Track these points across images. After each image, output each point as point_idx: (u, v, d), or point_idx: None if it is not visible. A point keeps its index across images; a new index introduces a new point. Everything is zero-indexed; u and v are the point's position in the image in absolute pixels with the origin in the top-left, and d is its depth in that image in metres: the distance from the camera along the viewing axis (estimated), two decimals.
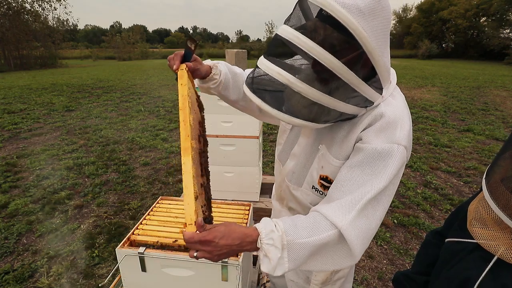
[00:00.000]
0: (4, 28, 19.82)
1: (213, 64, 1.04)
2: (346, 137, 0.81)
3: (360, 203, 0.71)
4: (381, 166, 0.72)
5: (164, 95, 9.48)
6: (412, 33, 42.00)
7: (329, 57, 0.64)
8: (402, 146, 0.73)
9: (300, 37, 0.65)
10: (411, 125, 0.80)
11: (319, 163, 0.89)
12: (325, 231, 0.71)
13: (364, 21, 0.62)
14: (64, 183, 3.61)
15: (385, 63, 0.70)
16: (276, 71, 0.69)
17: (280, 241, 0.70)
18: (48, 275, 2.20)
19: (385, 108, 0.77)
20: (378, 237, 2.64)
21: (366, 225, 0.72)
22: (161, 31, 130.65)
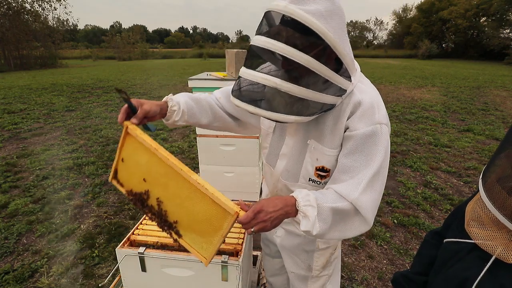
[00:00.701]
0: (4, 28, 19.83)
1: (167, 98, 1.06)
2: (335, 127, 0.91)
3: (364, 181, 0.84)
4: (373, 146, 0.85)
5: (164, 95, 9.38)
6: (412, 33, 42.02)
7: (306, 57, 0.73)
8: (383, 125, 0.86)
9: (279, 44, 0.74)
10: (383, 104, 0.92)
11: (312, 157, 0.97)
12: (342, 201, 0.85)
13: (326, 23, 0.73)
14: (64, 183, 3.61)
15: (348, 54, 0.81)
16: (261, 77, 0.77)
17: (315, 201, 0.83)
18: (48, 275, 2.20)
19: (361, 96, 0.88)
20: (378, 237, 2.64)
21: (372, 197, 0.86)
22: (161, 31, 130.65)
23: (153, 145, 0.88)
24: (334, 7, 0.75)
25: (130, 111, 0.95)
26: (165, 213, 0.91)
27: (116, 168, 1.01)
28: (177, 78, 14.04)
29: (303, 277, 1.22)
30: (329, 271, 1.24)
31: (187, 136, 5.50)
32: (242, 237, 1.21)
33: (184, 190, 0.86)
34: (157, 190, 0.92)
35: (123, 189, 1.00)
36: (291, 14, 0.73)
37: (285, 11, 0.73)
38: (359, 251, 2.49)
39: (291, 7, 0.73)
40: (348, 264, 2.34)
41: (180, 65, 22.50)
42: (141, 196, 0.95)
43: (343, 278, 2.21)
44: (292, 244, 1.19)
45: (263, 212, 0.80)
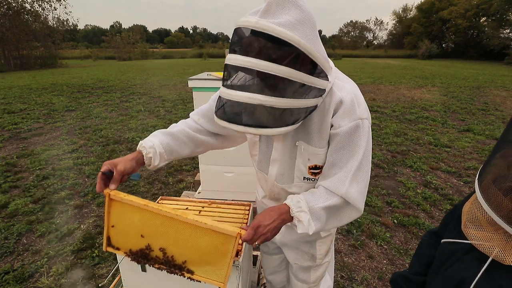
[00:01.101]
0: (4, 28, 19.83)
1: (140, 147, 1.04)
2: (321, 127, 0.95)
3: (350, 174, 0.92)
4: (355, 140, 0.91)
5: (164, 95, 9.49)
6: (412, 33, 42.02)
7: (287, 70, 0.75)
8: (364, 119, 0.92)
9: (260, 62, 0.74)
10: (362, 96, 0.97)
11: (303, 158, 1.01)
12: (333, 197, 0.94)
13: (298, 32, 0.74)
14: (64, 183, 3.61)
15: (322, 55, 0.82)
16: (246, 96, 0.77)
17: (306, 207, 0.91)
18: (48, 275, 2.20)
19: (341, 94, 0.91)
20: (378, 237, 2.64)
21: (359, 187, 0.94)
22: (161, 31, 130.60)
23: (142, 202, 0.90)
24: (303, 15, 0.76)
25: (105, 176, 0.94)
26: (172, 258, 0.95)
27: (108, 236, 1.01)
28: (177, 78, 14.04)
29: (307, 267, 1.26)
30: (329, 258, 1.30)
31: None
32: None
33: (184, 232, 0.91)
34: (158, 241, 0.95)
35: (121, 252, 1.02)
36: (263, 29, 0.73)
37: (257, 27, 0.74)
38: (359, 251, 2.49)
39: (263, 22, 0.73)
40: (348, 264, 2.34)
41: (180, 65, 22.51)
42: (143, 251, 0.98)
43: (343, 278, 2.21)
44: (293, 238, 1.23)
45: (262, 227, 0.88)
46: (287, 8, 0.75)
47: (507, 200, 0.58)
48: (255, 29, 0.74)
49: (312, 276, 1.29)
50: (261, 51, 0.75)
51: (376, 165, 4.22)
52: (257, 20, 0.74)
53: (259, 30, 0.74)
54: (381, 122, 6.43)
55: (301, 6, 0.76)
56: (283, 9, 0.74)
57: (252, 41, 0.77)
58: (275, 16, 0.74)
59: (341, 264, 2.33)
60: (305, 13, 0.76)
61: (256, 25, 0.74)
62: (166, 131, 1.11)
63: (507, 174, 0.61)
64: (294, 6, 0.75)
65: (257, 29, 0.74)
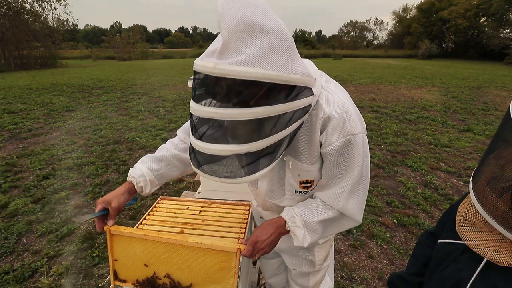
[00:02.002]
0: (4, 28, 19.84)
1: (129, 177, 1.05)
2: (310, 143, 0.89)
3: (347, 189, 0.90)
4: (348, 156, 0.86)
5: (164, 95, 9.49)
6: (412, 33, 42.01)
7: (257, 110, 0.65)
8: (356, 135, 0.85)
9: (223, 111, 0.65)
10: (353, 106, 0.89)
11: (293, 173, 0.97)
12: (328, 211, 0.94)
13: (267, 62, 0.63)
14: (64, 183, 3.60)
15: (301, 72, 0.72)
16: (217, 149, 0.69)
17: (301, 222, 0.92)
18: (48, 275, 2.20)
19: (328, 109, 0.83)
20: (378, 237, 2.64)
21: (356, 201, 0.92)
22: (161, 31, 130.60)
23: (141, 233, 0.95)
24: (271, 39, 0.65)
25: (101, 216, 0.97)
26: (179, 283, 0.98)
27: (114, 270, 1.05)
28: (177, 78, 14.04)
29: (306, 272, 1.25)
30: (328, 262, 1.29)
31: None
32: (242, 237, 1.21)
33: (186, 255, 0.95)
34: (163, 267, 0.98)
35: (128, 284, 1.05)
36: (224, 75, 0.62)
37: (215, 73, 0.63)
38: (359, 251, 2.49)
39: (221, 66, 0.62)
40: (348, 264, 2.34)
41: (180, 65, 22.51)
42: (150, 280, 1.01)
43: (343, 278, 2.21)
44: (291, 245, 1.20)
45: (259, 242, 0.91)
46: (250, 38, 0.63)
47: (500, 201, 0.58)
48: (213, 75, 0.63)
49: (311, 281, 1.27)
50: (226, 97, 0.65)
51: (376, 165, 4.22)
52: (214, 65, 0.63)
53: (218, 76, 0.63)
54: (381, 122, 6.43)
55: (267, 30, 0.64)
56: (244, 42, 0.63)
57: (215, 87, 0.66)
58: (237, 51, 0.63)
59: (341, 264, 2.33)
60: (273, 36, 0.65)
61: (214, 71, 0.63)
62: (154, 156, 1.10)
63: (501, 175, 0.60)
64: (258, 32, 0.63)
65: (216, 75, 0.63)
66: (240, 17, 0.62)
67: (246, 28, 0.62)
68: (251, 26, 0.63)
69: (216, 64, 0.63)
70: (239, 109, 0.65)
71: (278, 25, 0.67)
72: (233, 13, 0.62)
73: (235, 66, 0.62)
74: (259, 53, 0.63)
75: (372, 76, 14.79)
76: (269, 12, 0.67)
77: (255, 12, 0.64)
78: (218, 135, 0.71)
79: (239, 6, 0.63)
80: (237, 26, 0.62)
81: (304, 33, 63.55)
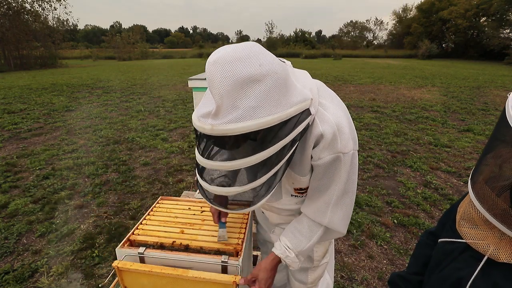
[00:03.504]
0: (4, 28, 19.82)
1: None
2: (302, 157, 0.92)
3: (331, 203, 0.95)
4: (335, 171, 0.90)
5: (164, 95, 9.49)
6: (412, 33, 41.98)
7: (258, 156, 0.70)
8: (345, 153, 0.88)
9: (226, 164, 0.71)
10: (348, 122, 0.91)
11: (288, 181, 1.01)
12: (317, 231, 1.01)
13: (263, 110, 0.66)
14: (64, 183, 3.60)
15: (296, 102, 0.74)
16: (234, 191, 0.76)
17: (295, 257, 1.03)
18: (48, 275, 2.20)
19: (322, 128, 0.85)
20: (378, 237, 2.64)
21: (341, 214, 0.98)
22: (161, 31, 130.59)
23: (146, 269, 1.03)
24: (264, 86, 0.66)
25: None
26: None
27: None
28: (177, 78, 14.04)
29: (304, 268, 1.27)
30: (327, 259, 1.31)
31: (187, 136, 5.50)
32: (242, 237, 1.21)
33: (188, 287, 1.04)
34: None
35: None
36: (222, 134, 0.66)
37: (214, 134, 0.66)
38: (359, 251, 2.49)
39: (217, 128, 0.65)
40: (348, 264, 2.34)
41: (180, 65, 22.51)
42: None
43: (343, 278, 2.21)
44: None
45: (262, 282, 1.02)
46: (243, 91, 0.64)
47: (500, 200, 0.59)
48: (212, 135, 0.67)
49: (310, 277, 1.29)
50: (227, 152, 0.72)
51: (376, 165, 4.22)
52: (212, 127, 0.66)
53: (217, 135, 0.67)
54: (381, 122, 6.43)
55: (258, 78, 0.65)
56: (238, 97, 0.64)
57: (216, 144, 0.72)
58: (231, 109, 0.64)
59: (341, 264, 2.33)
60: (266, 81, 0.66)
61: (212, 133, 0.66)
62: None
63: (499, 174, 0.61)
64: (251, 83, 0.65)
65: (215, 135, 0.67)
66: (229, 77, 0.63)
67: (237, 85, 0.64)
68: (242, 81, 0.64)
69: (213, 126, 0.65)
70: (243, 159, 0.69)
71: (270, 67, 0.68)
72: (221, 75, 0.64)
73: (232, 125, 0.64)
74: (254, 103, 0.65)
75: (372, 76, 14.78)
76: (258, 57, 0.67)
77: (244, 66, 0.64)
78: (224, 178, 0.79)
79: (226, 66, 0.64)
80: (227, 87, 0.63)
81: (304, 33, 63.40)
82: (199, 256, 1.09)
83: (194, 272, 1.01)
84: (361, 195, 3.34)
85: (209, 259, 1.08)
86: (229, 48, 0.69)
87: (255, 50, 0.68)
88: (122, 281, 1.11)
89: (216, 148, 0.75)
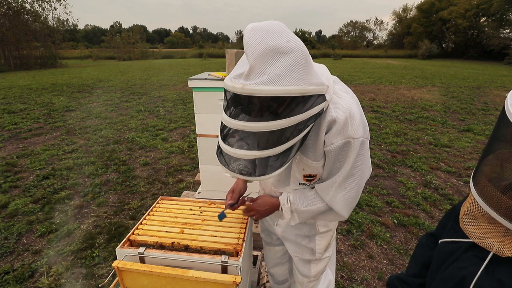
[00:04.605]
0: (4, 28, 19.81)
1: None
2: (316, 142, 0.97)
3: (336, 183, 1.00)
4: (344, 155, 0.96)
5: (164, 95, 9.48)
6: (412, 33, 42.01)
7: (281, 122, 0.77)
8: (356, 139, 0.94)
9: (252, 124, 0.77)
10: (359, 110, 0.97)
11: (299, 167, 1.07)
12: (318, 203, 1.08)
13: (288, 79, 0.74)
14: (64, 183, 3.61)
15: (316, 82, 0.82)
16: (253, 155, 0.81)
17: (289, 209, 1.13)
18: (48, 275, 2.20)
19: (336, 113, 0.92)
20: (378, 237, 2.64)
21: (345, 196, 1.02)
22: (161, 31, 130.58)
23: (146, 269, 1.03)
24: (291, 59, 0.75)
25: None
26: None
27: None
28: (177, 78, 14.04)
29: (307, 260, 1.31)
30: (330, 253, 1.35)
31: (187, 136, 5.50)
32: (242, 237, 1.21)
33: (188, 287, 1.04)
34: None
35: None
36: (251, 94, 0.73)
37: (244, 93, 0.74)
38: (359, 251, 2.49)
39: (248, 87, 0.73)
40: (348, 264, 2.34)
41: (180, 65, 22.50)
42: None
43: (343, 278, 2.21)
44: (293, 233, 1.28)
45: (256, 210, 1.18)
46: (273, 60, 0.73)
47: (505, 198, 0.59)
48: (242, 94, 0.74)
49: (313, 270, 1.33)
50: (253, 112, 0.77)
51: (376, 165, 4.22)
52: (243, 86, 0.73)
53: (246, 95, 0.74)
54: (381, 122, 6.43)
55: (286, 51, 0.75)
56: (267, 64, 0.73)
57: (243, 103, 0.78)
58: (261, 73, 0.73)
59: (341, 264, 2.33)
60: (292, 56, 0.75)
61: (243, 91, 0.74)
62: None
63: (502, 173, 0.63)
64: (279, 55, 0.74)
65: (245, 94, 0.74)
66: (263, 43, 0.73)
67: (268, 53, 0.73)
68: (272, 50, 0.73)
69: (244, 85, 0.74)
70: (264, 122, 0.76)
71: (295, 44, 0.77)
72: (257, 40, 0.74)
73: (260, 86, 0.72)
74: (281, 72, 0.73)
75: (372, 76, 14.78)
76: (287, 34, 0.77)
77: (275, 38, 0.74)
78: (244, 142, 0.83)
79: (261, 35, 0.74)
80: (260, 52, 0.73)
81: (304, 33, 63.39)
82: (199, 256, 1.09)
83: (194, 272, 1.01)
84: (361, 195, 3.34)
85: (209, 259, 1.08)
86: (263, 22, 0.79)
87: (284, 27, 0.79)
88: (122, 281, 1.11)
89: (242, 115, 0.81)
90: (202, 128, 2.37)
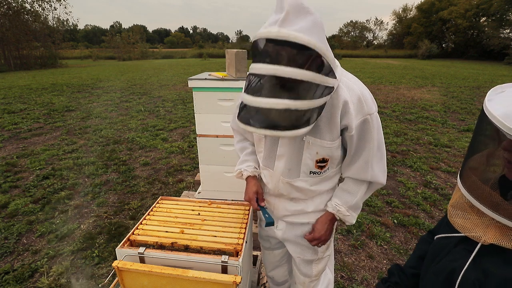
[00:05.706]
0: (4, 28, 19.82)
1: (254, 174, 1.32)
2: (330, 121, 1.02)
3: (369, 159, 1.07)
4: (366, 132, 1.04)
5: (164, 95, 9.48)
6: (412, 33, 42.02)
7: (307, 73, 0.80)
8: (372, 114, 1.03)
9: (282, 68, 0.79)
10: (367, 90, 1.07)
11: (311, 152, 1.08)
12: (361, 186, 1.15)
13: (314, 36, 0.80)
14: (64, 183, 3.61)
15: (332, 56, 0.88)
16: (274, 102, 0.82)
17: (346, 210, 1.16)
18: (48, 275, 2.20)
19: (349, 94, 0.99)
20: (378, 237, 2.64)
21: (380, 166, 1.11)
22: (161, 31, 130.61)
23: (146, 269, 1.03)
24: (316, 20, 0.82)
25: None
26: None
27: None
28: (177, 78, 14.04)
29: (309, 260, 1.32)
30: (330, 252, 1.36)
31: (187, 136, 5.50)
32: (242, 237, 1.21)
33: (188, 287, 1.04)
34: None
35: None
36: (286, 38, 0.78)
37: (279, 37, 0.78)
38: (359, 251, 2.49)
39: (284, 31, 0.78)
40: (348, 264, 2.34)
41: (180, 65, 22.50)
42: None
43: (343, 278, 2.21)
44: (294, 234, 1.28)
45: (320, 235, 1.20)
46: (302, 15, 0.81)
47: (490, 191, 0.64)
48: (277, 38, 0.79)
49: (314, 269, 1.34)
50: (285, 58, 0.80)
51: None
52: (278, 30, 0.78)
53: (281, 39, 0.78)
54: (381, 122, 6.43)
55: (312, 13, 0.83)
56: (298, 17, 0.80)
57: (275, 50, 0.81)
58: (293, 24, 0.79)
59: (341, 264, 2.33)
60: (316, 19, 0.83)
61: (278, 34, 0.78)
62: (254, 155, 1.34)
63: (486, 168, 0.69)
64: (307, 13, 0.82)
65: (280, 38, 0.78)
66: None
67: (299, 8, 0.80)
68: (302, 8, 0.81)
69: (279, 30, 0.78)
70: (293, 68, 0.79)
71: (317, 13, 0.85)
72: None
73: (294, 32, 0.78)
74: (309, 27, 0.80)
75: (372, 76, 14.78)
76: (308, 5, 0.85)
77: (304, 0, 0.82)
78: (272, 94, 0.83)
79: None
80: (294, 3, 0.80)
81: None
82: (199, 256, 1.09)
83: (194, 272, 1.01)
84: None
85: (209, 259, 1.08)
86: None
87: None
88: (122, 281, 1.11)
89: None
90: (202, 128, 2.37)
